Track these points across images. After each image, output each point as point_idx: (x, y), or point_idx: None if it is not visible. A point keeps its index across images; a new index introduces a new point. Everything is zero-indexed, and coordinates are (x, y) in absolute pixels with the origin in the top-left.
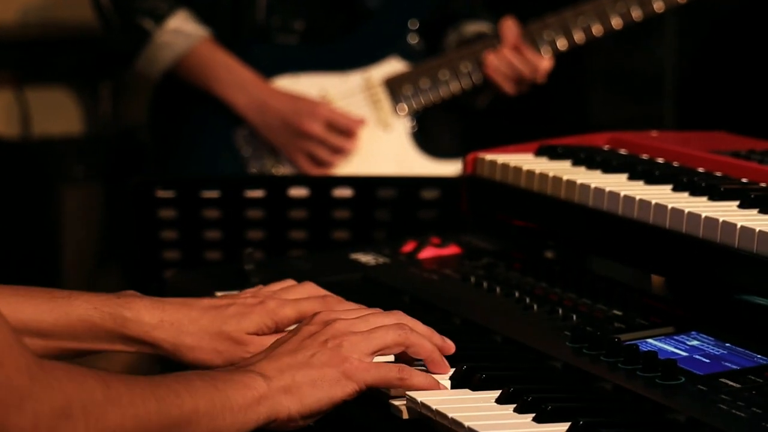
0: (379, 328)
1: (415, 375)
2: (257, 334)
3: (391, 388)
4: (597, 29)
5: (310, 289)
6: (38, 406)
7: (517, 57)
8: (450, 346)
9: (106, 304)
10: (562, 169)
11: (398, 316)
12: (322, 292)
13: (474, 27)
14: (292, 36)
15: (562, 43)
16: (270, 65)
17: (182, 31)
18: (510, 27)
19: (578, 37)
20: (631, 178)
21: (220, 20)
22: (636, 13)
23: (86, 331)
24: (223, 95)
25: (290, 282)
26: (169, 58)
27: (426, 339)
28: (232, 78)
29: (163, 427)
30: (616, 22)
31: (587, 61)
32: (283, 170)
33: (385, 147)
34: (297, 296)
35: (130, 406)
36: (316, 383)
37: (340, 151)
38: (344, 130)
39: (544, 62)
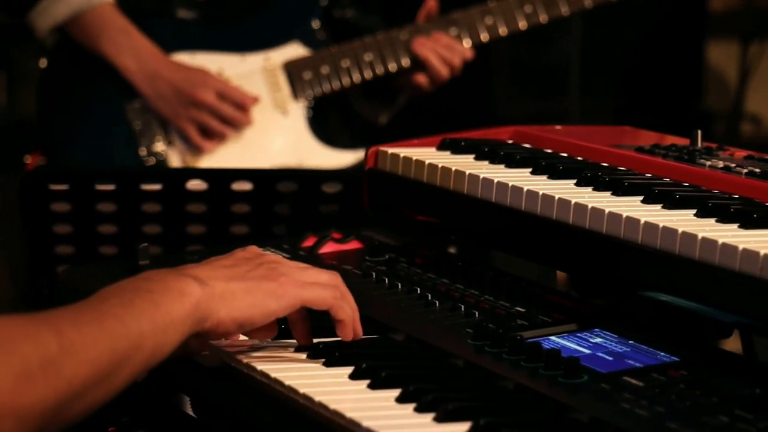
0: (313, 267)
1: (345, 304)
2: None
3: (324, 309)
4: (503, 30)
5: None
6: None
7: (441, 47)
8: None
9: None
10: (465, 163)
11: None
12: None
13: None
14: (192, 11)
15: (467, 42)
16: (168, 41)
17: None
18: (431, 9)
19: (483, 36)
20: (535, 172)
21: None
22: (542, 17)
23: None
24: (115, 60)
25: None
26: (64, 12)
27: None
28: (128, 43)
29: (115, 360)
30: (522, 24)
31: (492, 56)
32: (175, 147)
33: (281, 131)
34: None
35: (83, 351)
36: (252, 291)
37: (230, 123)
38: (236, 103)
39: (469, 52)
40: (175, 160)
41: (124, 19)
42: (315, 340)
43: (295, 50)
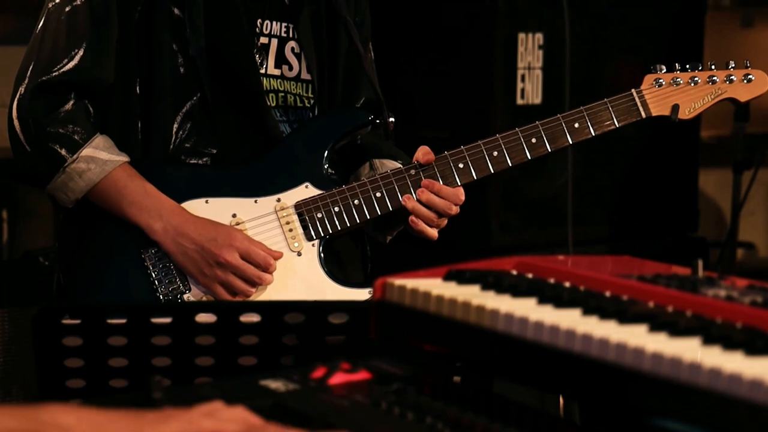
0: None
1: None
2: None
3: None
4: (510, 161)
5: (240, 412)
6: None
7: (435, 196)
8: None
9: (20, 410)
10: (471, 294)
11: None
12: (254, 418)
13: (388, 165)
14: (203, 160)
15: (476, 173)
16: (181, 188)
17: (97, 158)
18: (426, 154)
19: (492, 168)
20: (540, 302)
21: (132, 145)
22: (549, 147)
23: None
24: (140, 221)
25: (219, 404)
26: (82, 187)
27: None
28: (148, 203)
29: None
30: (529, 155)
31: (486, 187)
32: (192, 293)
33: (296, 272)
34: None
35: None
36: None
37: (255, 283)
38: (260, 264)
39: (462, 194)
40: None
41: (140, 180)
42: None
43: (306, 191)
